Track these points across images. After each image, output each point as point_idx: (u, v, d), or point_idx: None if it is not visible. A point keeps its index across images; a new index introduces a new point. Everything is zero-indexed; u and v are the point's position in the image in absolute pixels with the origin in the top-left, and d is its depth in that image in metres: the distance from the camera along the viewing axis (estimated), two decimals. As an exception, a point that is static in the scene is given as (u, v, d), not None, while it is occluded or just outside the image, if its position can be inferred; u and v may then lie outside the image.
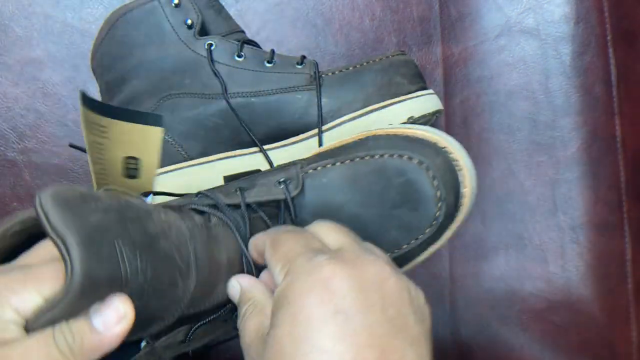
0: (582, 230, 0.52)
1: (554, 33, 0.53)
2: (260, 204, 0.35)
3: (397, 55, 0.45)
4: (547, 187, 0.52)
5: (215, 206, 0.34)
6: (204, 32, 0.45)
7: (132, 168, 0.34)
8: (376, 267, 0.27)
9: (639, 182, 0.52)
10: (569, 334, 0.51)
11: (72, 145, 0.48)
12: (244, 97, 0.43)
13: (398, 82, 0.43)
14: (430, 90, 0.44)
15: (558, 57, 0.53)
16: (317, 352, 0.24)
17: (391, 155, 0.35)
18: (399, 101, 0.43)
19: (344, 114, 0.43)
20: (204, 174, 0.44)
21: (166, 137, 0.44)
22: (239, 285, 0.32)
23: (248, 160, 0.44)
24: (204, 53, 0.44)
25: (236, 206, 0.34)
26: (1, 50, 0.53)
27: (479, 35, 0.54)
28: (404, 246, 0.35)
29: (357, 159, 0.35)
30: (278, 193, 0.34)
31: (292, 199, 0.34)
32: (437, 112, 0.45)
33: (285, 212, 0.35)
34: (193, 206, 0.33)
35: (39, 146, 0.53)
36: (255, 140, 0.43)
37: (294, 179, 0.35)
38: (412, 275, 0.52)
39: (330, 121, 0.43)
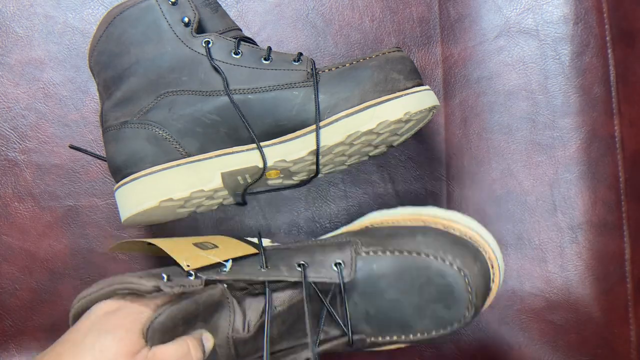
0: (581, 230, 0.51)
1: (553, 33, 0.53)
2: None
3: (393, 51, 0.45)
4: (546, 187, 0.52)
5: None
6: (200, 30, 0.45)
7: (209, 248, 0.41)
8: None
9: (637, 182, 0.52)
10: (568, 333, 0.51)
11: (72, 147, 0.48)
12: (241, 94, 0.43)
13: (394, 78, 0.43)
14: (427, 86, 0.44)
15: (557, 57, 0.53)
16: None
17: (435, 257, 0.40)
18: (395, 97, 0.42)
19: (341, 110, 0.42)
20: (202, 171, 0.44)
21: (164, 134, 0.43)
22: None
23: (245, 157, 0.43)
24: (201, 50, 0.44)
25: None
26: (2, 51, 0.53)
27: (478, 35, 0.54)
28: (433, 333, 0.41)
29: (406, 253, 0.41)
30: (333, 277, 0.40)
31: (344, 283, 0.40)
32: (434, 107, 0.44)
33: (336, 290, 0.40)
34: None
35: (40, 146, 0.52)
36: (254, 136, 0.43)
37: (347, 265, 0.40)
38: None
39: (327, 117, 0.42)
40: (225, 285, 0.37)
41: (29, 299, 0.52)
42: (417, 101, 0.43)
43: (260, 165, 0.43)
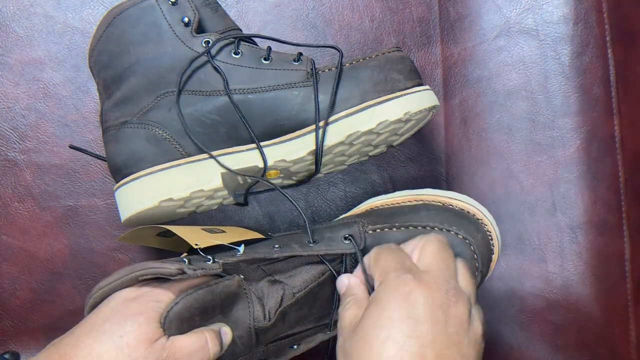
0: (581, 230, 0.51)
1: (553, 33, 0.53)
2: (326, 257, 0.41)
3: (393, 51, 0.45)
4: (546, 187, 0.52)
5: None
6: (200, 30, 0.45)
7: (217, 232, 0.41)
8: (448, 292, 0.34)
9: (637, 182, 0.52)
10: (568, 333, 0.51)
11: (72, 147, 0.48)
12: (241, 93, 0.43)
13: (394, 78, 0.43)
14: (426, 86, 0.44)
15: (557, 57, 0.52)
16: (391, 341, 0.32)
17: (441, 229, 0.41)
18: (395, 97, 0.42)
19: (341, 110, 0.42)
20: (202, 171, 0.43)
21: (164, 134, 0.43)
22: (347, 281, 0.39)
23: (245, 157, 0.43)
24: (201, 50, 0.43)
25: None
26: (2, 51, 0.53)
27: (478, 35, 0.53)
28: None
29: (412, 228, 0.41)
30: (345, 248, 0.40)
31: (360, 250, 0.40)
32: (434, 107, 0.44)
33: (349, 264, 0.41)
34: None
35: (40, 146, 0.52)
36: (254, 136, 0.43)
37: (357, 237, 0.41)
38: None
39: (327, 117, 0.42)
40: (242, 277, 0.38)
41: (29, 299, 0.52)
42: (417, 101, 0.43)
43: (260, 165, 0.43)
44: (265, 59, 0.44)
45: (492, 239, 0.42)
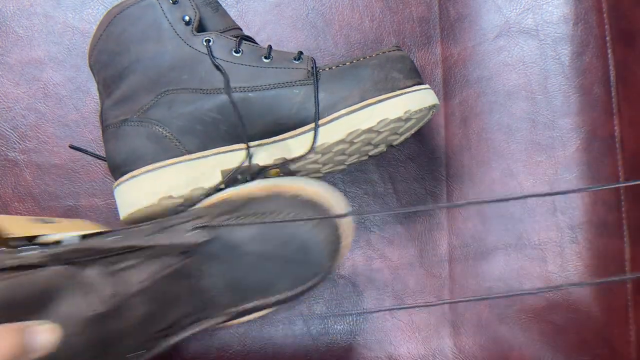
0: (581, 230, 0.51)
1: (553, 33, 0.53)
2: (171, 252, 0.39)
3: (393, 50, 0.45)
4: (546, 187, 0.52)
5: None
6: (201, 29, 0.45)
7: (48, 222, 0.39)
8: None
9: (637, 182, 0.52)
10: (568, 333, 0.51)
11: (72, 147, 0.48)
12: (241, 92, 0.43)
13: (394, 77, 0.43)
14: (427, 85, 0.44)
15: (557, 57, 0.52)
16: None
17: (291, 218, 0.40)
18: (396, 95, 0.42)
19: (341, 109, 0.42)
20: (202, 169, 0.43)
21: (164, 132, 0.43)
22: None
23: (245, 155, 0.43)
24: (202, 49, 0.43)
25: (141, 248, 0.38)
26: (2, 51, 0.53)
27: (478, 35, 0.53)
28: (292, 291, 0.41)
29: (261, 217, 0.40)
30: (189, 239, 0.38)
31: (201, 244, 0.39)
32: (433, 106, 0.44)
33: (196, 256, 0.39)
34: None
35: (40, 146, 0.52)
36: (245, 136, 0.43)
37: (202, 229, 0.39)
38: (410, 275, 0.51)
39: (327, 115, 0.42)
40: (69, 266, 0.34)
41: (28, 299, 0.52)
42: (417, 100, 0.43)
43: (262, 163, 0.43)
44: (265, 58, 0.44)
45: (341, 227, 0.42)
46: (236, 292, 0.40)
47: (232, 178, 0.44)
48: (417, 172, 0.53)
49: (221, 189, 0.45)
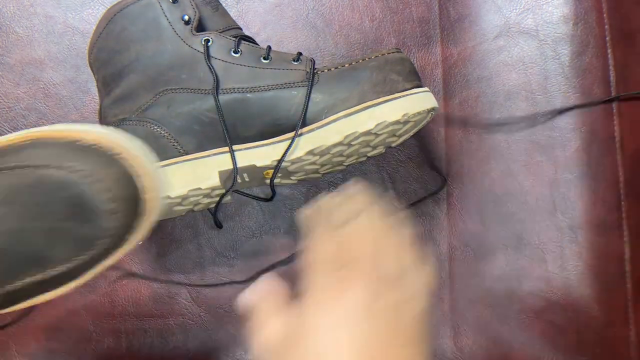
0: (581, 230, 0.51)
1: (553, 34, 0.52)
2: None
3: (393, 52, 0.44)
4: (546, 187, 0.52)
5: None
6: (201, 28, 0.45)
7: None
8: (379, 282, 0.31)
9: (637, 182, 0.52)
10: (568, 333, 0.50)
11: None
12: (240, 92, 0.43)
13: (393, 79, 0.43)
14: (426, 88, 0.44)
15: (557, 57, 0.52)
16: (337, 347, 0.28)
17: (52, 167, 0.32)
18: (394, 98, 0.42)
19: (339, 111, 0.42)
20: (199, 169, 0.43)
21: (162, 132, 0.43)
22: (250, 299, 0.34)
23: (243, 156, 0.43)
24: (201, 49, 0.43)
25: None
26: (2, 51, 0.53)
27: (478, 36, 0.53)
28: (80, 257, 0.33)
29: (8, 170, 0.32)
30: None
31: None
32: (432, 109, 0.44)
33: None
34: None
35: (40, 146, 0.52)
36: (227, 136, 0.42)
37: None
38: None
39: (325, 117, 0.42)
40: None
41: (29, 299, 0.52)
42: (416, 103, 0.42)
43: (259, 164, 0.43)
44: (264, 58, 0.44)
45: (137, 175, 0.33)
46: (2, 267, 0.32)
47: (230, 179, 0.44)
48: (417, 172, 0.53)
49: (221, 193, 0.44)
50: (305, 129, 0.42)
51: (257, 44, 0.46)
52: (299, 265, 0.34)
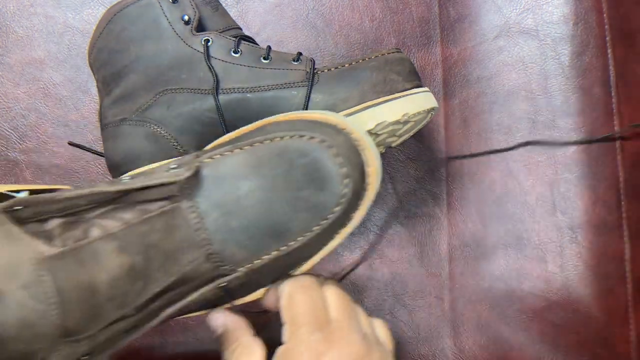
0: (581, 230, 0.51)
1: (553, 33, 0.52)
2: (150, 197, 0.32)
3: (393, 52, 0.44)
4: (546, 187, 0.51)
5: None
6: (201, 28, 0.45)
7: None
8: (361, 344, 0.33)
9: (637, 182, 0.52)
10: (568, 333, 0.50)
11: (71, 144, 0.48)
12: (240, 92, 0.43)
13: (393, 79, 0.43)
14: (426, 88, 0.44)
15: (557, 57, 0.52)
16: None
17: (292, 137, 0.33)
18: (394, 98, 0.42)
19: (339, 111, 0.42)
20: None
21: (162, 132, 0.43)
22: (223, 319, 0.36)
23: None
24: (201, 49, 0.43)
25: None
26: (2, 51, 0.53)
27: (478, 36, 0.53)
28: (315, 228, 0.34)
29: (257, 144, 0.34)
30: (168, 177, 0.31)
31: (187, 180, 0.32)
32: (432, 109, 0.44)
33: (184, 201, 0.32)
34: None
35: (40, 146, 0.52)
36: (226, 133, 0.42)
37: (185, 164, 0.33)
38: (410, 275, 0.51)
39: None
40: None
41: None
42: (416, 103, 0.42)
43: None
44: (264, 58, 0.44)
45: (362, 148, 0.34)
46: (243, 241, 0.33)
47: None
48: (417, 172, 0.53)
49: None
50: None
51: (257, 44, 0.46)
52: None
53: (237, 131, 0.37)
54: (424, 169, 0.53)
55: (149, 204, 0.32)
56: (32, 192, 0.31)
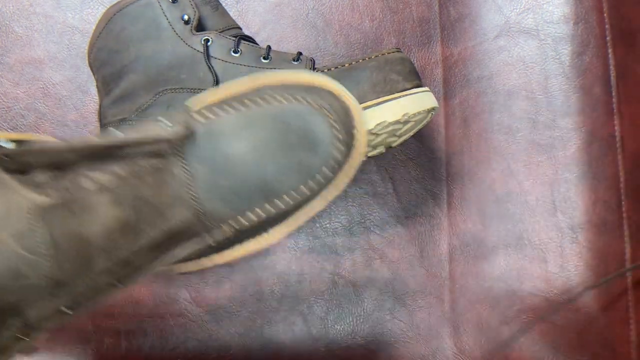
0: (581, 230, 0.51)
1: (553, 33, 0.52)
2: (141, 152, 0.32)
3: (393, 52, 0.44)
4: (547, 187, 0.51)
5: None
6: (200, 28, 0.45)
7: None
8: None
9: (637, 182, 0.52)
10: (568, 333, 0.50)
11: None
12: (240, 92, 0.43)
13: (393, 79, 0.43)
14: (426, 88, 0.44)
15: (557, 57, 0.52)
16: None
17: (288, 100, 0.34)
18: (394, 98, 0.42)
19: None
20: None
21: None
22: None
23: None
24: (201, 49, 0.43)
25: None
26: (2, 50, 0.53)
27: (478, 35, 0.53)
28: (302, 189, 0.35)
29: (252, 105, 0.34)
30: (157, 131, 0.32)
31: (177, 140, 0.32)
32: (432, 109, 0.44)
33: (175, 158, 0.33)
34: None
35: (40, 146, 0.52)
36: None
37: (176, 121, 0.33)
38: (410, 275, 0.51)
39: None
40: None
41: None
42: (416, 102, 0.42)
43: None
44: (264, 58, 0.44)
45: (352, 112, 0.35)
46: (231, 198, 0.33)
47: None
48: (417, 172, 0.53)
49: None
50: None
51: (257, 43, 0.46)
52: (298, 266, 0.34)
53: (229, 85, 0.36)
54: (424, 169, 0.53)
55: (139, 159, 0.32)
56: (14, 141, 0.30)
